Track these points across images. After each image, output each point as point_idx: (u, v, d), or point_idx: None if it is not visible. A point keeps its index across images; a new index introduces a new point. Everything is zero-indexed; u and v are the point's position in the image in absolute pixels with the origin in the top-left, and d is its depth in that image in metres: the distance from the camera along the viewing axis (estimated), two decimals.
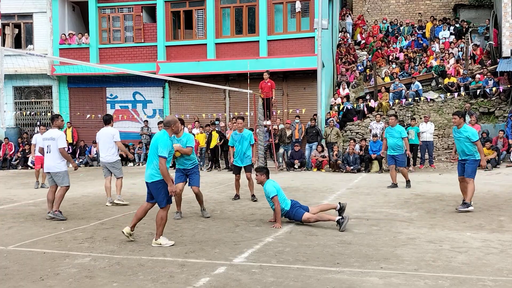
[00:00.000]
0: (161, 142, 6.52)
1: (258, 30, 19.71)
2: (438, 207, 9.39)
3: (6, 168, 19.87)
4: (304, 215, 7.77)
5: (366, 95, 20.19)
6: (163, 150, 6.48)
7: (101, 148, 10.25)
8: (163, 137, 6.60)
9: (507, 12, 19.57)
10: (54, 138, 8.76)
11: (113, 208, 9.80)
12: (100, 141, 10.30)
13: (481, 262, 5.72)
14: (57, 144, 8.72)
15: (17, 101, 22.47)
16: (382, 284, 4.99)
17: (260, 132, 16.96)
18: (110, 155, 10.14)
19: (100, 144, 10.29)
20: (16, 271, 5.60)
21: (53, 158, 8.75)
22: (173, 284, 5.05)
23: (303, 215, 7.78)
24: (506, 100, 18.70)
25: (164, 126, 6.83)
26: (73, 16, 22.70)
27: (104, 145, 10.16)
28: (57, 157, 8.74)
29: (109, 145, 10.11)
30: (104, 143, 10.16)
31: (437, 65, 20.71)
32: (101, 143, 10.23)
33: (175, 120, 6.93)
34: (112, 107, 21.87)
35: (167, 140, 6.60)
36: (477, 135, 9.20)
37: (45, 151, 8.86)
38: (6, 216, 9.14)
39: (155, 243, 6.64)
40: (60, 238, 7.20)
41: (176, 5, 20.80)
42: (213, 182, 14.15)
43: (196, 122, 19.12)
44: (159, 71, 19.90)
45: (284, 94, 19.92)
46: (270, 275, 5.30)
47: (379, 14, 27.29)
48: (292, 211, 7.88)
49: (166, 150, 6.51)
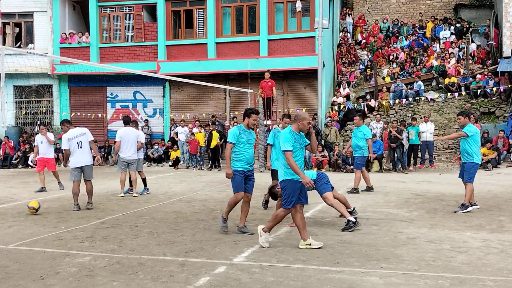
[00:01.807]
0: (283, 137, 6.30)
1: (259, 29, 19.71)
2: (438, 207, 9.39)
3: (7, 167, 19.89)
4: (327, 193, 7.72)
5: (366, 95, 20.19)
6: (284, 144, 6.23)
7: (126, 146, 11.09)
8: (285, 132, 6.37)
9: (508, 12, 19.55)
10: (85, 132, 9.67)
11: (113, 207, 9.81)
12: (123, 140, 11.06)
13: (481, 262, 5.72)
14: (88, 138, 9.65)
15: (18, 100, 22.49)
16: (382, 283, 4.99)
17: (261, 132, 16.96)
18: (134, 153, 11.23)
19: (125, 142, 11.06)
20: (16, 270, 5.60)
21: (87, 151, 9.66)
22: (173, 283, 5.05)
23: (327, 192, 7.72)
24: (506, 100, 18.70)
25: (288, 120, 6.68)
26: (73, 15, 22.70)
27: (129, 144, 11.09)
28: (89, 150, 9.69)
29: (134, 143, 11.18)
30: (129, 142, 11.10)
31: (437, 65, 20.71)
32: (126, 141, 11.07)
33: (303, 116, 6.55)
34: (112, 106, 21.89)
35: (289, 134, 6.32)
36: (473, 132, 8.99)
37: (75, 148, 9.49)
38: (6, 215, 9.14)
39: (304, 245, 6.38)
40: (60, 237, 7.20)
41: (177, 4, 20.81)
42: (213, 181, 14.15)
43: (197, 122, 19.12)
44: (159, 71, 19.91)
45: (284, 93, 19.92)
46: (270, 275, 5.30)
47: (380, 13, 27.28)
48: (318, 183, 7.77)
49: (288, 143, 6.23)
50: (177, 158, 18.83)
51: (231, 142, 7.25)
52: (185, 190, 12.30)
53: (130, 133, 11.23)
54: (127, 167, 11.27)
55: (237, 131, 7.29)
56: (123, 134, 11.15)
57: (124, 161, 11.15)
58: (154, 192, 11.92)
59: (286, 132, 6.37)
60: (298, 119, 6.42)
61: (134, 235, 7.25)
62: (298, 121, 6.41)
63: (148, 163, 19.59)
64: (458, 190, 11.47)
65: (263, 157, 17.08)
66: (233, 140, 7.25)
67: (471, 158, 9.02)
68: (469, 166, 9.03)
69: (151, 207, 9.84)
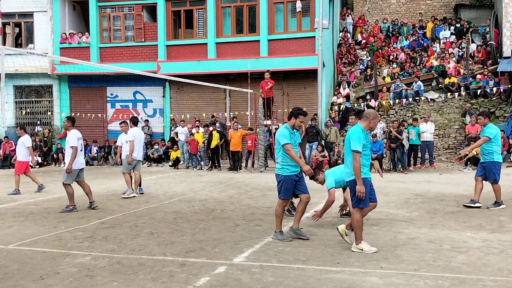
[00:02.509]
0: (353, 136, 6.07)
1: (259, 29, 19.71)
2: (438, 207, 9.39)
3: (7, 167, 19.88)
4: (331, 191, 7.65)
5: (366, 95, 20.19)
6: (355, 144, 6.02)
7: (139, 146, 11.52)
8: (355, 130, 6.14)
9: (508, 12, 19.56)
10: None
11: (113, 207, 9.81)
12: (136, 140, 11.36)
13: (481, 262, 5.72)
14: None
15: (18, 100, 22.48)
16: (382, 284, 4.99)
17: (260, 132, 16.97)
18: (142, 152, 11.78)
19: (137, 142, 11.38)
20: (16, 270, 5.60)
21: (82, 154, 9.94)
22: (173, 284, 5.05)
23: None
24: (506, 100, 18.70)
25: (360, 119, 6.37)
26: (73, 15, 22.70)
27: (140, 144, 11.54)
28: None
29: (142, 143, 11.81)
30: (140, 142, 11.56)
31: (437, 65, 20.71)
32: (138, 141, 11.41)
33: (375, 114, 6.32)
34: (112, 106, 21.89)
35: (360, 133, 6.09)
36: (494, 133, 9.07)
37: (80, 148, 9.62)
38: (6, 215, 9.14)
39: (356, 248, 6.16)
40: (60, 237, 7.20)
41: (177, 5, 20.81)
42: (213, 181, 14.15)
43: (197, 122, 19.12)
44: (159, 71, 19.91)
45: (284, 93, 19.92)
46: (270, 275, 5.30)
47: (380, 14, 27.29)
48: None
49: (357, 143, 6.02)
50: (177, 158, 18.83)
51: (288, 142, 6.69)
52: (185, 190, 12.30)
53: (141, 133, 11.78)
54: (132, 167, 11.38)
55: (287, 131, 6.81)
56: (136, 134, 11.40)
57: (136, 161, 11.39)
58: (154, 192, 11.92)
59: (358, 131, 6.10)
60: (370, 118, 6.19)
61: (134, 235, 7.25)
62: (370, 120, 6.19)
63: (148, 163, 19.60)
64: (458, 190, 11.48)
65: (263, 157, 17.10)
66: (288, 140, 6.72)
67: (491, 157, 9.06)
68: (489, 165, 9.09)
69: (151, 207, 9.84)
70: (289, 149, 6.68)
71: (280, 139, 6.77)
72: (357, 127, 6.21)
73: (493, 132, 9.09)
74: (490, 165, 9.10)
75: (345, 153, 6.34)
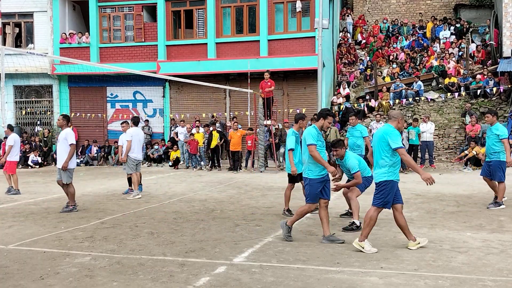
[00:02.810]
0: (391, 134, 6.10)
1: (259, 29, 19.71)
2: (438, 207, 9.39)
3: None
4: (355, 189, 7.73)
5: (366, 95, 20.19)
6: (394, 141, 6.06)
7: (139, 146, 11.41)
8: (389, 128, 6.19)
9: (508, 12, 19.56)
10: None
11: (113, 207, 9.81)
12: (135, 140, 11.26)
13: (481, 262, 5.72)
14: None
15: (18, 100, 22.48)
16: (382, 284, 4.99)
17: (260, 132, 16.96)
18: (142, 152, 11.75)
19: (136, 142, 11.27)
20: (16, 270, 5.60)
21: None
22: (173, 284, 5.05)
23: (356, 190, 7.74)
24: (506, 100, 18.70)
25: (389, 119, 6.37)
26: (73, 15, 22.70)
27: (139, 144, 11.44)
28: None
29: (142, 144, 11.67)
30: (140, 142, 11.46)
31: (437, 65, 20.71)
32: (137, 141, 11.30)
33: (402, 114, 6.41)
34: (112, 106, 21.88)
35: (395, 131, 6.17)
36: (506, 133, 9.13)
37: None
38: (6, 215, 9.14)
39: (357, 244, 6.18)
40: (60, 237, 7.20)
41: (177, 5, 20.80)
42: (213, 181, 14.15)
43: (197, 122, 19.11)
44: (159, 71, 19.91)
45: (284, 93, 19.92)
46: (270, 275, 5.30)
47: (380, 14, 27.29)
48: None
49: (398, 140, 6.10)
50: (177, 158, 18.83)
51: (314, 143, 6.57)
52: (185, 190, 12.30)
53: (140, 133, 11.68)
54: (136, 167, 11.37)
55: (315, 132, 6.68)
56: (134, 133, 11.32)
57: (137, 161, 11.33)
58: (154, 192, 11.93)
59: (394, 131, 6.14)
60: (399, 118, 6.24)
61: (134, 235, 7.25)
62: (398, 120, 6.23)
63: (148, 163, 19.59)
64: (458, 190, 11.49)
65: (263, 157, 17.10)
66: (315, 141, 6.60)
67: (498, 156, 9.07)
68: (495, 164, 9.10)
69: (151, 207, 9.84)
70: (313, 150, 6.56)
71: (307, 138, 6.63)
72: (388, 126, 6.23)
73: (505, 131, 9.12)
74: (496, 164, 9.10)
75: (377, 153, 6.24)
